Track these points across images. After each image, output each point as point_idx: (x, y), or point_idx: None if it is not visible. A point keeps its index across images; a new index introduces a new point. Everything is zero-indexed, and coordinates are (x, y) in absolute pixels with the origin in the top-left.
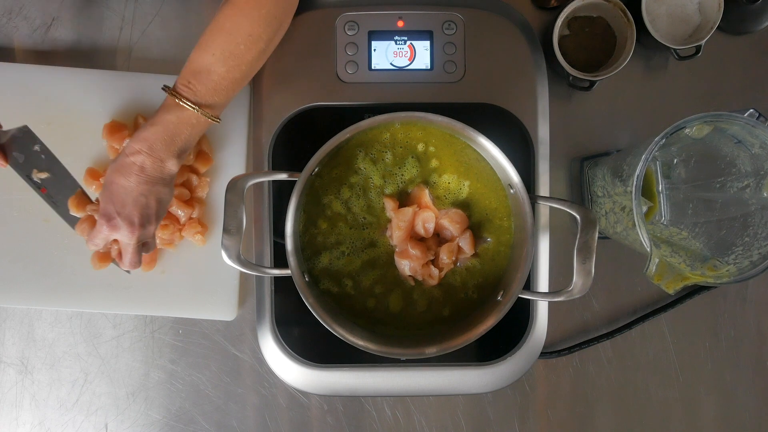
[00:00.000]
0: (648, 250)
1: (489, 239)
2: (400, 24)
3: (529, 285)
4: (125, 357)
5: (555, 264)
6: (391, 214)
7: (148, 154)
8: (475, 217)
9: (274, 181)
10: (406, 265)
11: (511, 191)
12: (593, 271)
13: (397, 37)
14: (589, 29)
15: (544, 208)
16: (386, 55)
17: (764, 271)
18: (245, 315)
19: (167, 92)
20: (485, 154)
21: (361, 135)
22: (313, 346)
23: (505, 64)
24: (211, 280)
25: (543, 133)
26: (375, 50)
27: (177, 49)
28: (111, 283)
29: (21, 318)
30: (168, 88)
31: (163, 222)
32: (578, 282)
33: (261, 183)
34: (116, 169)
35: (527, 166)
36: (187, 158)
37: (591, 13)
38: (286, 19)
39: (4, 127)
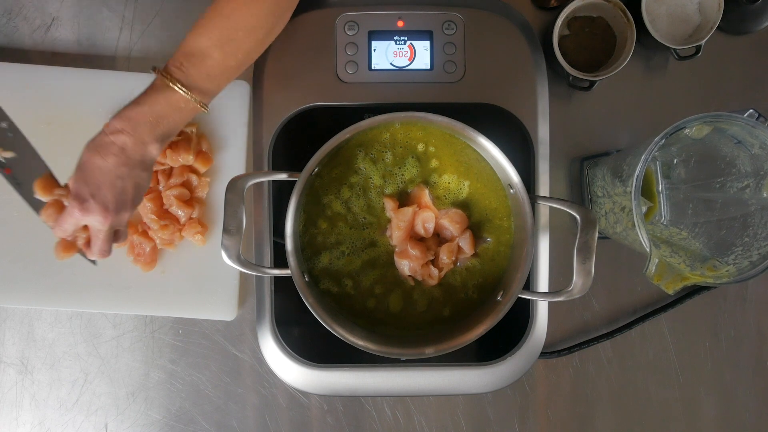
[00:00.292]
0: (648, 250)
1: (489, 239)
2: (400, 24)
3: (529, 285)
4: (125, 357)
5: (555, 264)
6: (391, 214)
7: (130, 134)
8: (475, 217)
9: (274, 181)
10: (406, 265)
11: (511, 191)
12: (593, 271)
13: (397, 37)
14: (589, 29)
15: (544, 208)
16: (386, 55)
17: (764, 271)
18: (245, 315)
19: (157, 73)
20: (485, 154)
21: (361, 135)
22: (313, 346)
23: (505, 64)
24: (211, 280)
25: (543, 133)
26: (375, 50)
27: None
28: (111, 283)
29: (21, 318)
30: (158, 69)
31: (163, 222)
32: (578, 282)
33: (261, 183)
34: (94, 148)
35: (527, 166)
36: (186, 158)
37: (591, 13)
38: (288, 9)
39: None
